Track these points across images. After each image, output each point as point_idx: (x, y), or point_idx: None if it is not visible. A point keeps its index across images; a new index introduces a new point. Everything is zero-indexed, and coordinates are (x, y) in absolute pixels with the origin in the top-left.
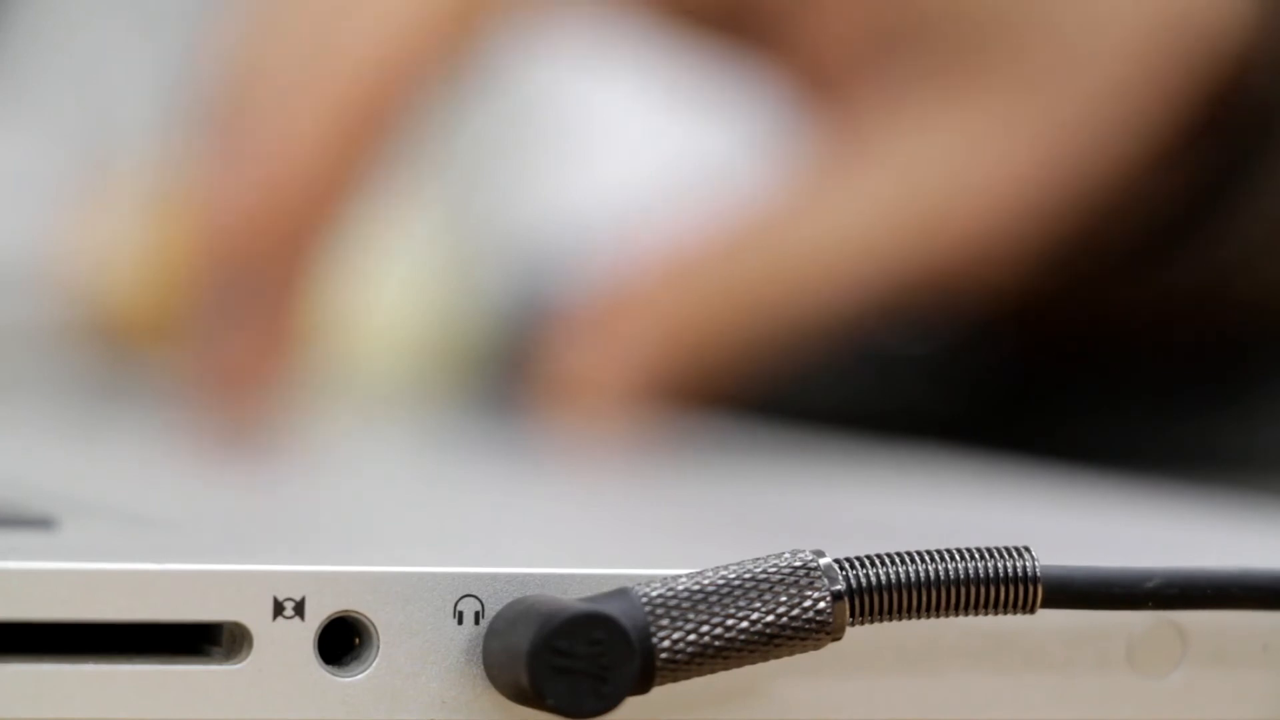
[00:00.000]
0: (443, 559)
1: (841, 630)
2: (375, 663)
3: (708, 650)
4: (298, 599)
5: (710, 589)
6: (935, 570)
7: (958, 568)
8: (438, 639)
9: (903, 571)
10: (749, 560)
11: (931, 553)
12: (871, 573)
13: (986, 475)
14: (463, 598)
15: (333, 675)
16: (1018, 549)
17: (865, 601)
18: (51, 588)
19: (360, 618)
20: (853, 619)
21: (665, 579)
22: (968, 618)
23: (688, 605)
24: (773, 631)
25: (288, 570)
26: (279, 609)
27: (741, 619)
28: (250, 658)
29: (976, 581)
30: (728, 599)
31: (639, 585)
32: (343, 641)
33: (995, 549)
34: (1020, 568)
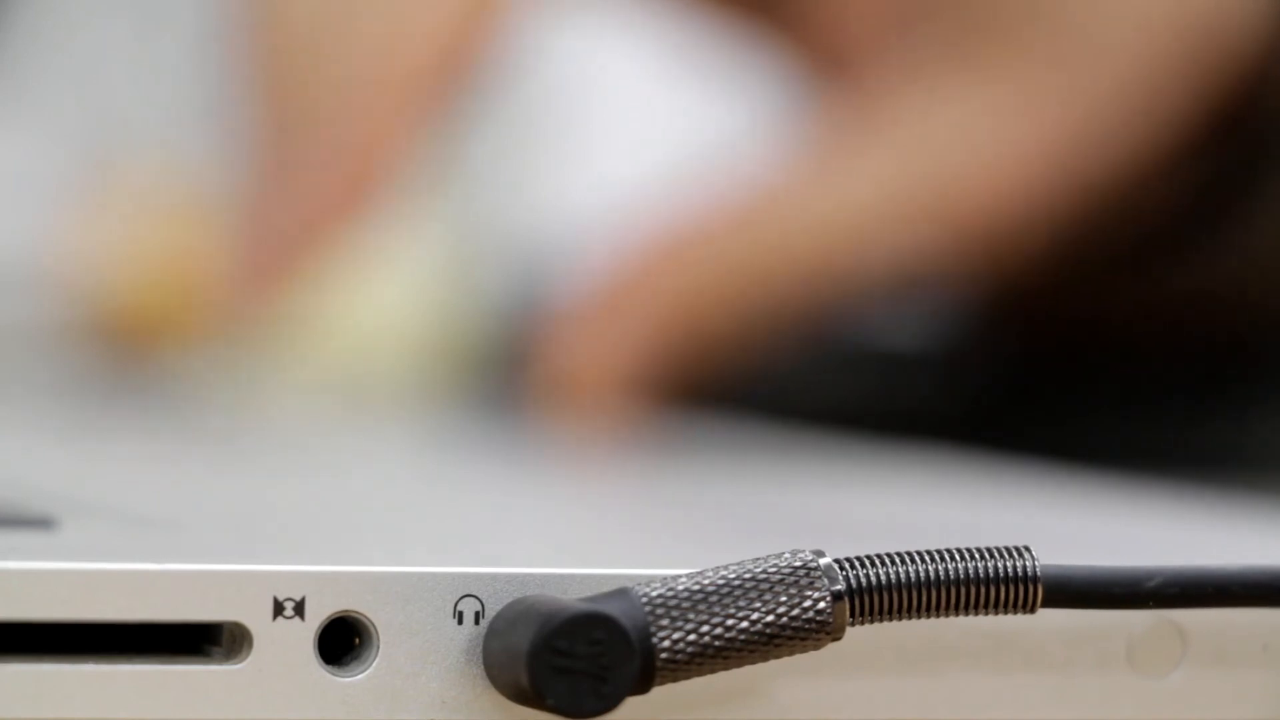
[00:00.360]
0: (443, 559)
1: (841, 630)
2: (375, 663)
3: (708, 650)
4: (298, 599)
5: (710, 589)
6: (935, 570)
7: (958, 568)
8: (438, 639)
9: (903, 571)
10: (749, 560)
11: (931, 553)
12: (871, 573)
13: (986, 475)
14: (463, 598)
15: (333, 675)
16: (1018, 549)
17: (865, 601)
18: (51, 588)
19: (360, 618)
20: (853, 619)
21: (665, 579)
22: (968, 618)
23: (688, 605)
24: (773, 631)
25: (288, 570)
26: (279, 609)
27: (741, 619)
28: (250, 658)
29: (976, 581)
30: (728, 599)
31: (639, 585)
32: (343, 641)
33: (995, 549)
34: (1020, 567)
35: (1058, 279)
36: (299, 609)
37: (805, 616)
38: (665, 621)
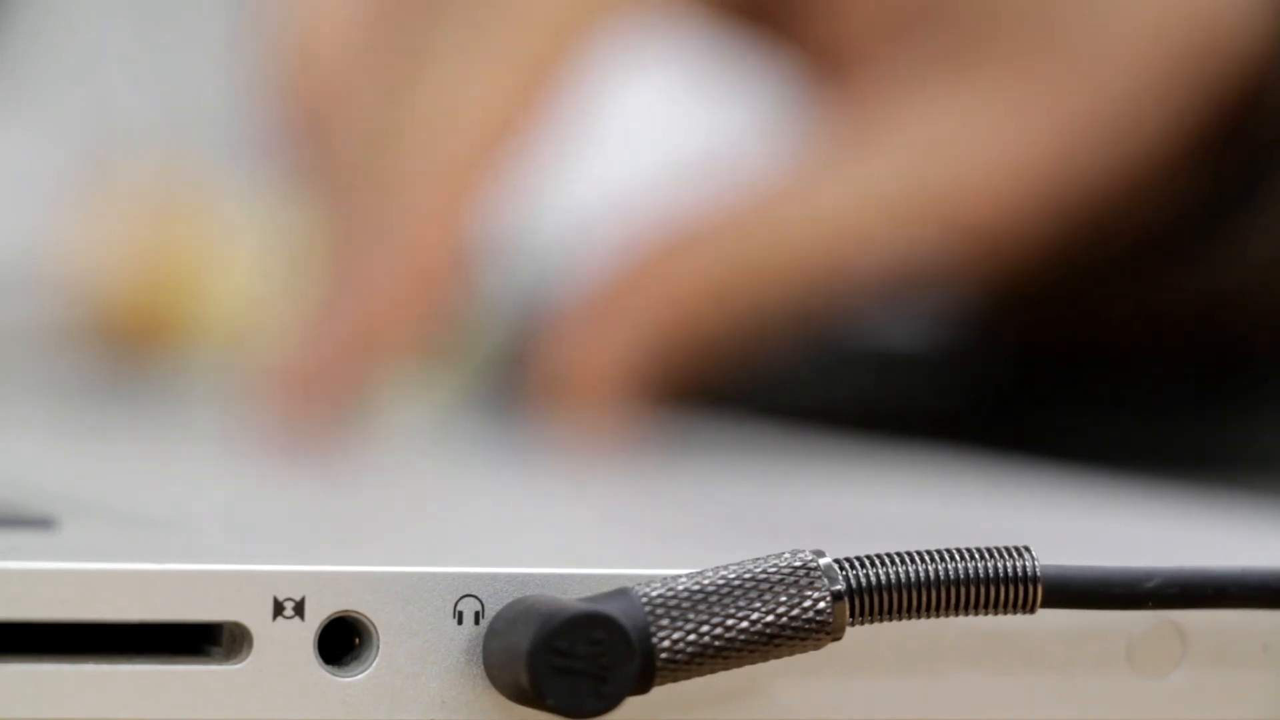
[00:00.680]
0: (443, 559)
1: (841, 630)
2: (375, 663)
3: (708, 650)
4: (298, 599)
5: (710, 589)
6: (935, 570)
7: (958, 568)
8: (438, 639)
9: (903, 571)
10: (749, 560)
11: (931, 553)
12: (871, 573)
13: (986, 475)
14: (463, 598)
15: (333, 675)
16: (1018, 549)
17: (865, 601)
18: (51, 588)
19: (360, 618)
20: (853, 619)
21: (665, 579)
22: (968, 618)
23: (688, 605)
24: (773, 631)
25: (288, 570)
26: (279, 609)
27: (741, 619)
28: (250, 658)
29: (976, 581)
30: (728, 599)
31: (639, 585)
32: (343, 641)
33: (995, 549)
34: (1020, 568)
35: (1058, 282)
36: (299, 609)
37: (805, 616)
38: (665, 621)
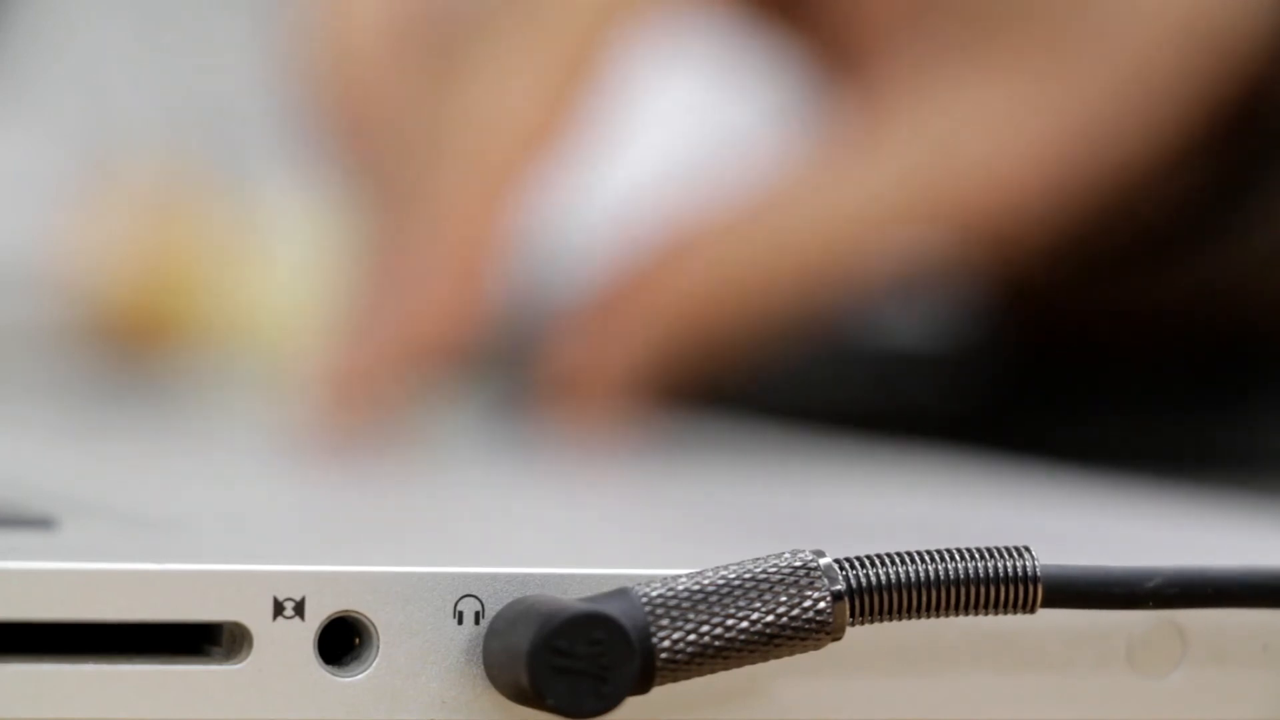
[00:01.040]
0: (443, 559)
1: (841, 630)
2: (375, 663)
3: (708, 650)
4: (298, 599)
5: (710, 589)
6: (935, 570)
7: (958, 568)
8: (438, 639)
9: (903, 571)
10: (749, 560)
11: (931, 553)
12: (871, 573)
13: (986, 475)
14: (463, 598)
15: (333, 675)
16: (1018, 549)
17: (865, 601)
18: (51, 588)
19: (360, 618)
20: (853, 619)
21: (665, 579)
22: (968, 618)
23: (688, 605)
24: (773, 631)
25: (288, 570)
26: (279, 609)
27: (741, 619)
28: (250, 658)
29: (976, 581)
30: (728, 599)
31: (639, 585)
32: (343, 641)
33: (995, 549)
34: (1020, 567)
35: (1063, 276)
36: (299, 609)
37: (805, 616)
38: (665, 621)
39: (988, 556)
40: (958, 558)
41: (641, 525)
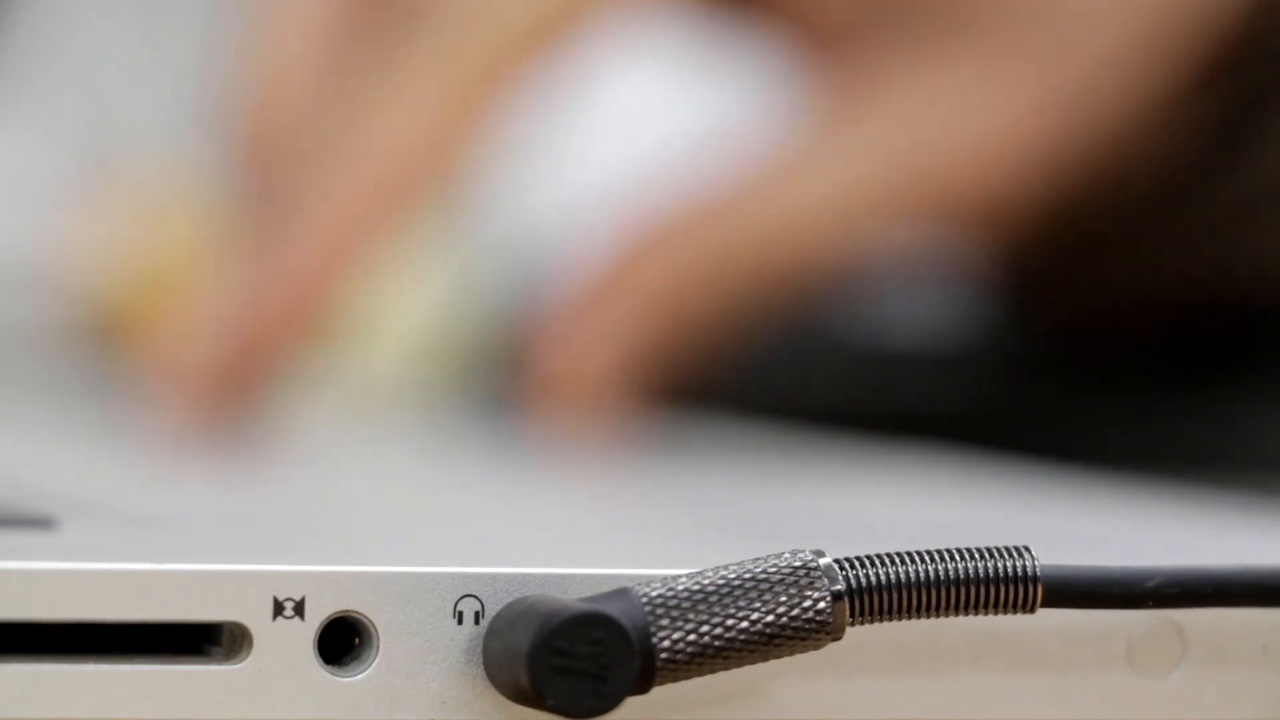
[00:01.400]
0: (443, 559)
1: (841, 630)
2: (375, 663)
3: (708, 650)
4: (298, 599)
5: (710, 589)
6: (935, 570)
7: (958, 568)
8: (438, 639)
9: (903, 571)
10: (749, 560)
11: (931, 553)
12: (871, 573)
13: (986, 475)
14: (463, 598)
15: (333, 675)
16: (1018, 549)
17: (865, 601)
18: (51, 588)
19: (360, 618)
20: (853, 619)
21: (665, 579)
22: (968, 618)
23: (688, 605)
24: (773, 631)
25: (288, 570)
26: (279, 609)
27: (741, 619)
28: (250, 658)
29: (976, 581)
30: (728, 599)
31: (639, 585)
32: (343, 641)
33: (995, 549)
34: (1020, 567)
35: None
36: (299, 609)
37: (805, 616)
38: (665, 621)
39: (987, 556)
40: (957, 558)
41: (641, 525)
